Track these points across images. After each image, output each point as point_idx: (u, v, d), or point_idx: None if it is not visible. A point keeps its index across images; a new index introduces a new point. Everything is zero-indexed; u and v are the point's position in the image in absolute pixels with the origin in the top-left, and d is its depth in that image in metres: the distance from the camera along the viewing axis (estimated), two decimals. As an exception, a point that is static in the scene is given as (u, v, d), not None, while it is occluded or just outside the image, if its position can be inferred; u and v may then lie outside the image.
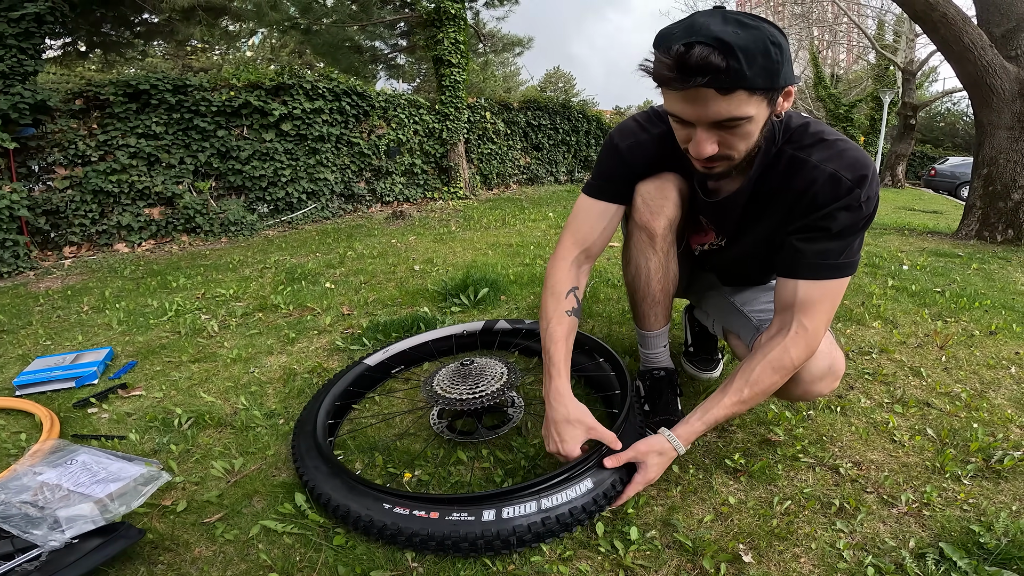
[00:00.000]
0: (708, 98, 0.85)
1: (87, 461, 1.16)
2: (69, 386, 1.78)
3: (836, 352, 1.15)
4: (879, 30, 17.18)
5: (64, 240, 4.64)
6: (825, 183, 1.00)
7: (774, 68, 0.84)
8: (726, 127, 0.90)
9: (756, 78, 0.83)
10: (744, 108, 0.86)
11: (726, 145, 0.93)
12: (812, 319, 1.04)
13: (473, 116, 8.29)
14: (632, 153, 1.19)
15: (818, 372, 1.13)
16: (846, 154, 1.00)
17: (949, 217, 7.30)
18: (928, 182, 16.08)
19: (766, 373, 1.05)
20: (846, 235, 1.02)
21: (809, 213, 1.03)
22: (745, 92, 0.84)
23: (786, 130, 1.05)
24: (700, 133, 0.91)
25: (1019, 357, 1.89)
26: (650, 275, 1.28)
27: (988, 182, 4.45)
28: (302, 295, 2.78)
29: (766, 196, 1.10)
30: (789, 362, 1.05)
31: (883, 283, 2.83)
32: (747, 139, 0.94)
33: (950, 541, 1.01)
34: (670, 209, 1.20)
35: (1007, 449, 1.31)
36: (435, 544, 0.98)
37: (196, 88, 5.18)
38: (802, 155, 1.03)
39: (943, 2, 4.14)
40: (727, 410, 1.08)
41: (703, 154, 0.93)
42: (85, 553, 0.94)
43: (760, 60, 0.82)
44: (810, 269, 1.04)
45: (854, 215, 1.00)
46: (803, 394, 1.17)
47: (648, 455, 1.09)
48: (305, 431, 1.31)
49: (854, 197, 0.98)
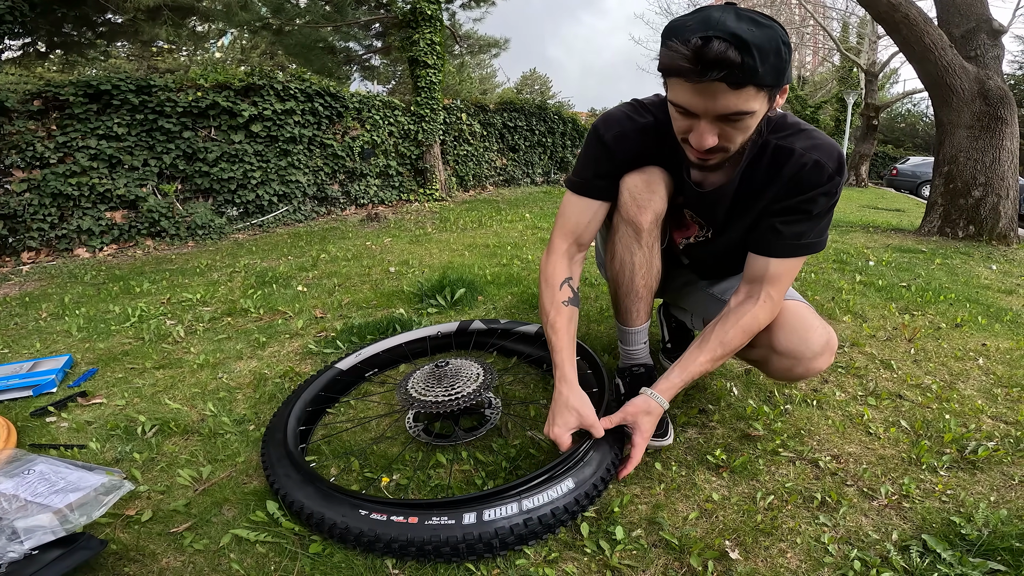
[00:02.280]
0: (719, 92, 0.87)
1: (45, 471, 1.12)
2: (26, 395, 1.70)
3: (829, 328, 1.20)
4: (843, 32, 17.66)
5: (22, 245, 4.45)
6: (811, 170, 1.06)
7: (782, 67, 0.88)
8: (729, 120, 0.92)
9: (766, 75, 0.85)
10: (751, 103, 0.89)
11: (725, 138, 0.96)
12: (778, 290, 1.14)
13: (449, 118, 8.24)
14: (617, 144, 1.18)
15: (818, 347, 1.16)
16: (824, 142, 1.08)
17: (911, 215, 7.52)
18: (890, 181, 16.55)
19: (738, 335, 1.14)
20: (820, 217, 1.11)
21: (792, 196, 1.10)
22: (754, 88, 0.87)
23: (769, 122, 1.09)
24: (703, 125, 0.93)
25: (985, 348, 1.94)
26: (635, 270, 1.27)
27: (949, 180, 4.59)
28: (273, 299, 2.71)
29: (755, 185, 1.14)
30: (757, 326, 1.14)
31: (851, 279, 2.89)
32: (745, 133, 0.97)
33: (932, 533, 1.02)
34: (657, 203, 1.20)
35: (980, 440, 1.34)
36: (415, 550, 0.95)
37: (161, 88, 5.02)
38: (787, 144, 1.08)
39: (905, 3, 4.26)
40: (703, 367, 1.15)
41: (704, 146, 0.95)
42: (45, 564, 0.91)
43: (772, 59, 0.85)
44: (784, 249, 1.12)
45: (830, 199, 1.09)
46: (804, 372, 1.19)
47: (638, 416, 1.15)
48: (275, 438, 1.26)
49: (833, 184, 1.07)
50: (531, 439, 1.37)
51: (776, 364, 1.21)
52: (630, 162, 1.20)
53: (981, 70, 4.37)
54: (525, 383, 1.70)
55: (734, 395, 1.57)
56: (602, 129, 1.19)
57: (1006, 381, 1.68)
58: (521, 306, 2.42)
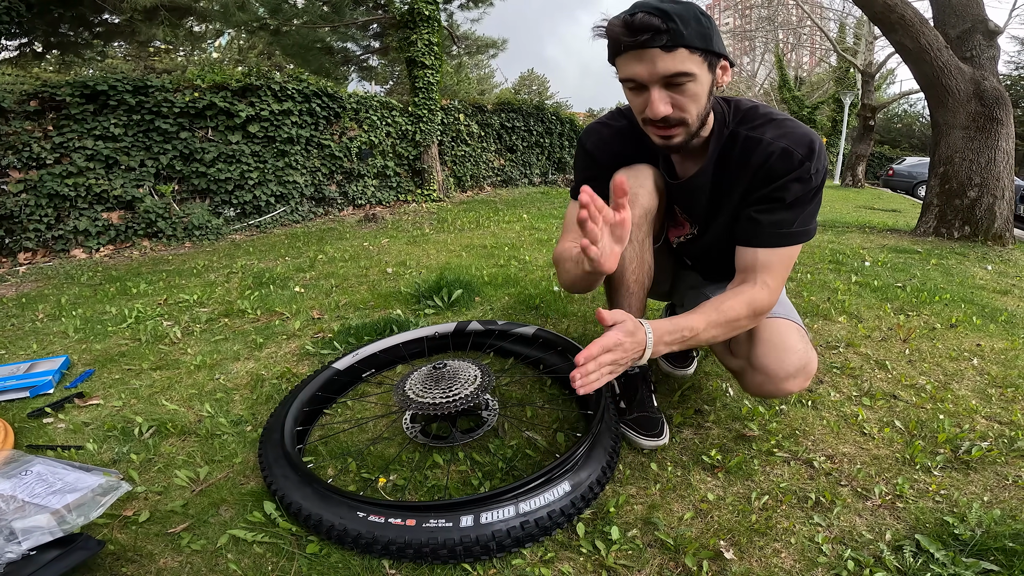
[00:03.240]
0: (656, 57, 0.97)
1: (42, 472, 1.12)
2: (23, 396, 1.70)
3: (811, 353, 1.18)
4: (840, 33, 17.69)
5: (18, 246, 4.44)
6: (779, 157, 1.09)
7: (706, 33, 0.98)
8: (675, 86, 1.00)
9: (693, 38, 0.96)
10: (687, 64, 0.98)
11: (678, 107, 1.02)
12: (773, 278, 1.13)
13: (447, 118, 8.24)
14: (597, 149, 1.29)
15: (792, 369, 1.14)
16: (796, 130, 1.10)
17: (908, 215, 7.54)
18: (886, 182, 16.58)
19: (734, 305, 1.09)
20: (798, 205, 1.11)
21: (765, 185, 1.12)
22: (686, 50, 0.97)
23: (737, 112, 1.16)
24: (654, 93, 1.01)
25: (980, 349, 1.95)
26: (625, 265, 1.29)
27: (944, 180, 4.60)
28: (270, 300, 2.71)
29: (728, 176, 1.17)
30: (754, 304, 1.11)
31: (847, 279, 2.90)
32: (696, 100, 1.03)
33: (926, 533, 1.03)
34: (644, 198, 1.23)
35: (974, 440, 1.35)
36: (413, 552, 0.96)
37: (158, 89, 5.01)
38: (756, 134, 1.12)
39: (901, 4, 4.27)
40: (694, 322, 1.06)
41: (658, 113, 1.01)
42: (43, 565, 0.91)
43: (693, 24, 0.96)
44: (767, 238, 1.13)
45: (805, 186, 1.09)
46: (774, 391, 1.18)
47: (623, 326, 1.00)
48: (272, 439, 1.26)
49: (805, 169, 1.08)
50: (528, 440, 1.37)
51: (750, 378, 1.21)
52: (612, 164, 1.28)
53: (977, 71, 4.38)
54: (522, 384, 1.70)
55: (729, 396, 1.58)
56: (584, 139, 1.32)
57: (1000, 381, 1.69)
58: (518, 307, 2.43)
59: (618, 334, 0.98)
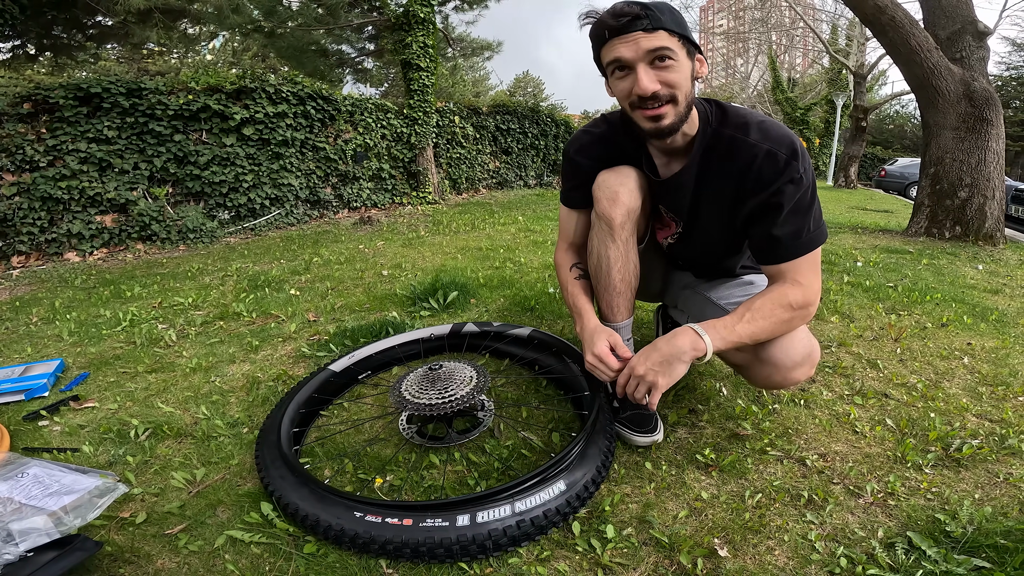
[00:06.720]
0: (639, 38, 1.05)
1: (39, 474, 1.13)
2: (18, 399, 1.70)
3: (814, 341, 1.22)
4: (832, 34, 17.79)
5: (11, 249, 4.42)
6: (764, 160, 1.12)
7: (681, 21, 1.07)
8: (659, 63, 1.06)
9: (670, 24, 1.05)
10: (668, 43, 1.05)
11: (667, 83, 1.06)
12: (805, 276, 1.16)
13: (442, 120, 8.23)
14: (580, 155, 1.35)
15: (799, 357, 1.18)
16: (775, 133, 1.13)
17: (899, 216, 7.59)
18: (879, 182, 16.68)
19: (766, 304, 1.13)
20: (801, 209, 1.13)
21: (759, 192, 1.14)
22: (665, 32, 1.04)
23: (720, 112, 1.19)
24: (641, 71, 1.06)
25: (971, 348, 1.97)
26: (610, 264, 1.31)
27: (935, 181, 4.64)
28: (266, 302, 2.71)
29: (713, 174, 1.20)
30: (788, 301, 1.13)
31: (839, 279, 2.92)
32: (681, 76, 1.07)
33: (917, 530, 1.04)
34: (627, 198, 1.26)
35: (964, 438, 1.36)
36: (410, 551, 0.97)
37: (151, 91, 5.00)
38: (740, 135, 1.15)
39: (891, 5, 4.30)
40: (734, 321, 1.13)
41: (647, 89, 1.05)
42: (40, 566, 0.92)
43: (668, 13, 1.06)
44: (788, 251, 1.15)
45: (798, 187, 1.11)
46: (782, 381, 1.21)
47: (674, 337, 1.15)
48: (269, 440, 1.27)
49: (793, 170, 1.10)
50: (523, 440, 1.38)
51: (757, 370, 1.24)
52: (593, 167, 1.33)
53: (967, 72, 4.42)
54: (517, 385, 1.71)
55: (723, 395, 1.59)
56: (568, 147, 1.39)
57: (991, 379, 1.71)
58: (513, 309, 2.44)
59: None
